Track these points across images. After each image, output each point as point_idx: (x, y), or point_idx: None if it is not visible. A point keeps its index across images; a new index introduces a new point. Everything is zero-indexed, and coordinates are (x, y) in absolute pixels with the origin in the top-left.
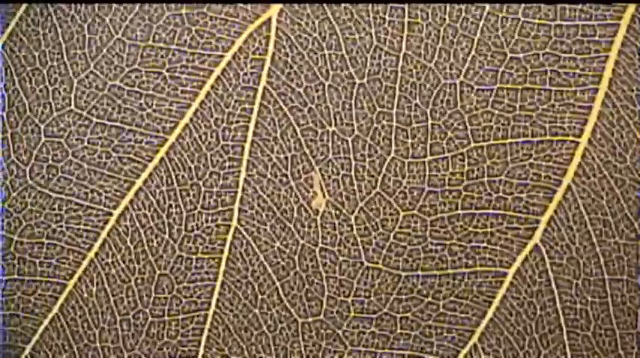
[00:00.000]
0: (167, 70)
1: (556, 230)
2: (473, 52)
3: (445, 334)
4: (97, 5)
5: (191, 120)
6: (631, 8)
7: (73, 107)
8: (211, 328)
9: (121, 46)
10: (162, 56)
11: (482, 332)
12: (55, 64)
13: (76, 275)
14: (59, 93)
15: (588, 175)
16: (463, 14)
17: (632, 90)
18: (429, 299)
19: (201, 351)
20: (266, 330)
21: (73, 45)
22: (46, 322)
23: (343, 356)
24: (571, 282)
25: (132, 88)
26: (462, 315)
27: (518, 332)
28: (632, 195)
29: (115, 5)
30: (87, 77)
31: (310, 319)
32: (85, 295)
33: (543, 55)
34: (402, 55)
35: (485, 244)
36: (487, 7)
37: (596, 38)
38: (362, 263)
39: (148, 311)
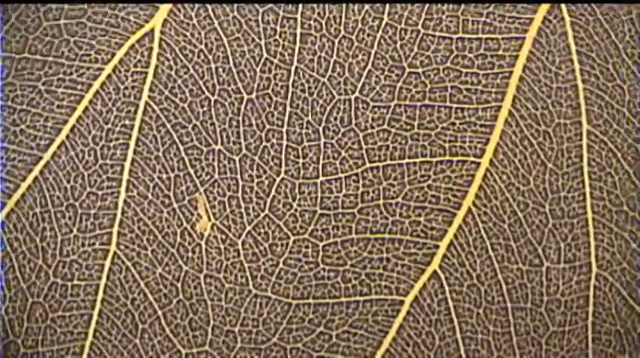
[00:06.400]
0: (43, 84)
1: (456, 255)
2: (369, 66)
3: None
4: None
5: (67, 137)
6: (537, 21)
7: None
8: None
9: None
10: (38, 69)
11: None
12: None
13: None
14: None
15: (490, 198)
16: (359, 25)
17: (537, 109)
18: (322, 328)
19: None
20: None
21: None
22: None
23: None
24: (472, 311)
25: (5, 102)
26: (357, 346)
27: None
28: (535, 219)
29: None
30: None
31: (195, 350)
32: None
33: (444, 69)
34: (293, 68)
35: (380, 271)
36: (385, 18)
37: (500, 52)
38: (250, 290)
39: (19, 341)
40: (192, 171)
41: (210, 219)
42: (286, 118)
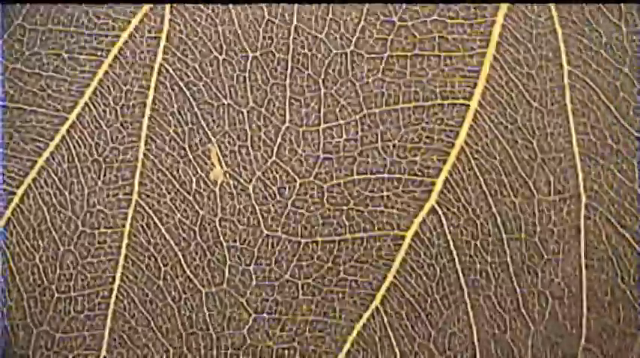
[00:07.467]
0: (66, 52)
1: (452, 191)
2: (362, 22)
3: (347, 298)
4: None
5: (90, 98)
6: None
7: None
8: (117, 301)
9: (21, 31)
10: (61, 38)
11: (383, 295)
12: None
13: None
14: None
15: (480, 136)
16: None
17: (520, 53)
18: (329, 264)
19: (109, 324)
20: (170, 301)
21: None
22: None
23: (248, 324)
24: (469, 243)
25: (32, 70)
26: (363, 279)
27: (419, 294)
28: (524, 154)
29: None
30: None
31: (214, 288)
32: None
33: (431, 22)
34: (293, 27)
35: (382, 208)
36: None
37: (483, 4)
38: (262, 231)
39: (53, 287)
40: (204, 125)
41: (222, 168)
42: (288, 72)
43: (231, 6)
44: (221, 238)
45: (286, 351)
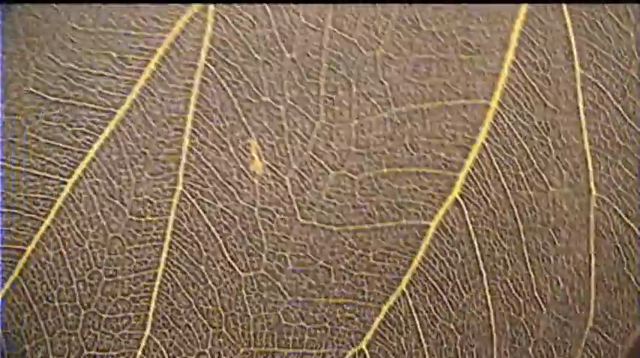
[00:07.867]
0: (115, 52)
1: (473, 184)
2: (391, 27)
3: (375, 282)
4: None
5: (138, 95)
6: None
7: (30, 88)
8: (161, 285)
9: (73, 32)
10: (110, 39)
11: (409, 280)
12: (14, 50)
13: (34, 241)
14: (18, 76)
15: (500, 134)
16: None
17: (536, 57)
18: (360, 251)
19: (153, 306)
20: (212, 285)
21: (30, 34)
22: (7, 285)
23: (283, 306)
24: (489, 232)
25: (84, 68)
26: (391, 265)
27: (442, 279)
28: (540, 151)
29: None
30: (42, 61)
31: (252, 273)
32: (43, 259)
33: (454, 27)
34: (327, 30)
35: (409, 199)
36: None
37: (502, 12)
38: (297, 220)
39: (102, 271)
40: (245, 121)
41: (261, 161)
42: (323, 72)
43: (269, 10)
44: (259, 226)
45: (318, 331)
